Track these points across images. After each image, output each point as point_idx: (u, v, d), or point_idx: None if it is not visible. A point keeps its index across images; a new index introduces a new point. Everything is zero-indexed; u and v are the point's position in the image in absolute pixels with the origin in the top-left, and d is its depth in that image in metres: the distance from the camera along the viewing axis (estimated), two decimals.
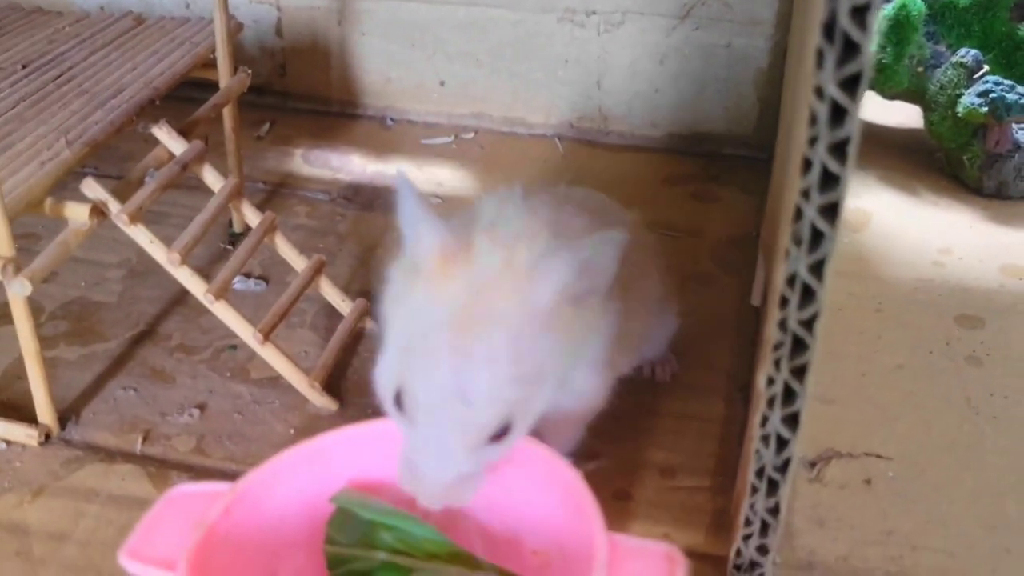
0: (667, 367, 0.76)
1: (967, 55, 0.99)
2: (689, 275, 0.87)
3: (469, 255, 0.48)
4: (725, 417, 0.72)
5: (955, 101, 0.97)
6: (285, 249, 0.79)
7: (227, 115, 0.86)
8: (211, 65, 0.84)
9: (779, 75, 1.02)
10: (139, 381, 0.75)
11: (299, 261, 0.78)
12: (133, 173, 0.71)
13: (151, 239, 0.68)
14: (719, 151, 1.07)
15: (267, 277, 0.86)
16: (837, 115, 0.43)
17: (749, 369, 0.75)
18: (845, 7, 0.39)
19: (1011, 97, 0.94)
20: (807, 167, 0.44)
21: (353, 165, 1.04)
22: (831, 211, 0.45)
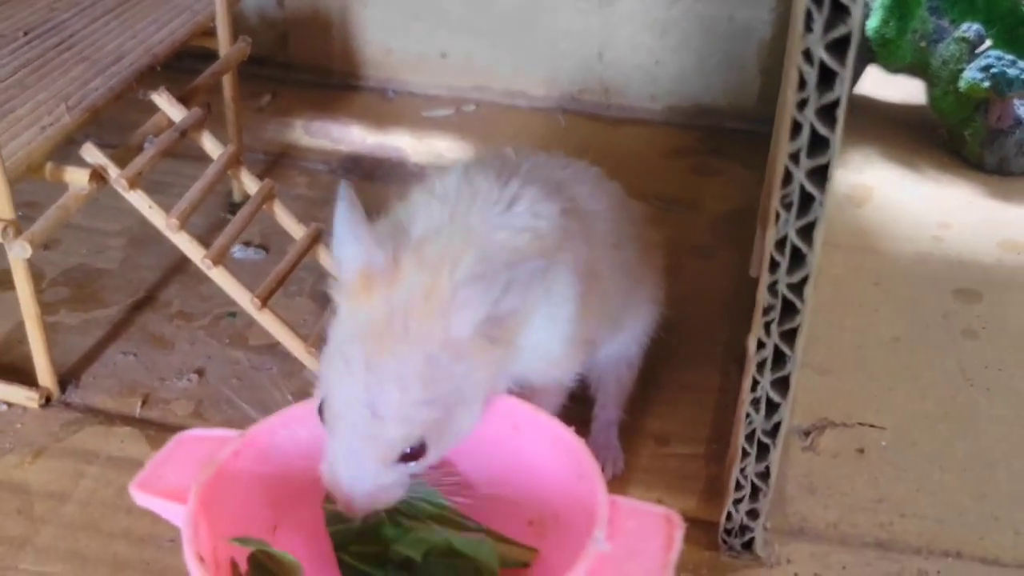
0: (616, 463, 0.67)
1: (970, 30, 0.98)
2: (688, 248, 0.87)
3: (394, 275, 0.49)
4: (720, 387, 0.73)
5: (957, 76, 0.97)
6: (284, 218, 0.79)
7: (227, 84, 0.87)
8: (212, 34, 0.84)
9: (781, 47, 1.01)
10: (139, 346, 0.75)
11: (298, 230, 0.79)
12: (132, 139, 0.71)
13: (150, 204, 0.68)
14: (720, 124, 1.07)
15: (267, 246, 0.86)
16: (826, 78, 0.43)
17: (745, 340, 0.76)
18: None
19: (1013, 72, 0.94)
20: (796, 130, 0.44)
21: (353, 136, 1.04)
22: (820, 174, 0.45)
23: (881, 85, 1.08)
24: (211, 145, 0.75)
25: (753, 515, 0.58)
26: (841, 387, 0.73)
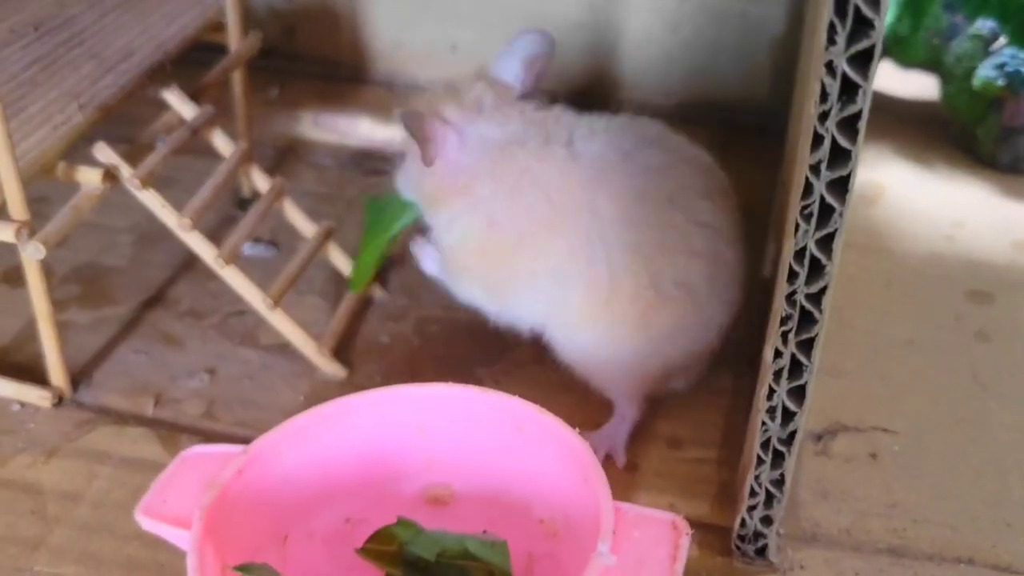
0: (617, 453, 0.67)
1: (984, 27, 0.97)
2: None
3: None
4: (733, 389, 0.73)
5: (971, 73, 0.96)
6: (294, 215, 0.79)
7: (237, 79, 0.86)
8: (221, 28, 0.84)
9: (795, 44, 1.01)
10: (150, 345, 0.75)
11: (308, 227, 0.79)
12: (143, 137, 0.71)
13: (162, 203, 0.68)
14: (732, 120, 1.06)
15: (277, 242, 0.86)
16: (848, 90, 0.42)
17: (758, 341, 0.75)
18: None
19: None
20: (817, 142, 0.44)
21: (362, 130, 1.03)
22: (841, 186, 0.45)
23: (894, 80, 1.07)
24: (222, 143, 0.75)
25: (767, 522, 0.58)
26: (854, 390, 0.72)
